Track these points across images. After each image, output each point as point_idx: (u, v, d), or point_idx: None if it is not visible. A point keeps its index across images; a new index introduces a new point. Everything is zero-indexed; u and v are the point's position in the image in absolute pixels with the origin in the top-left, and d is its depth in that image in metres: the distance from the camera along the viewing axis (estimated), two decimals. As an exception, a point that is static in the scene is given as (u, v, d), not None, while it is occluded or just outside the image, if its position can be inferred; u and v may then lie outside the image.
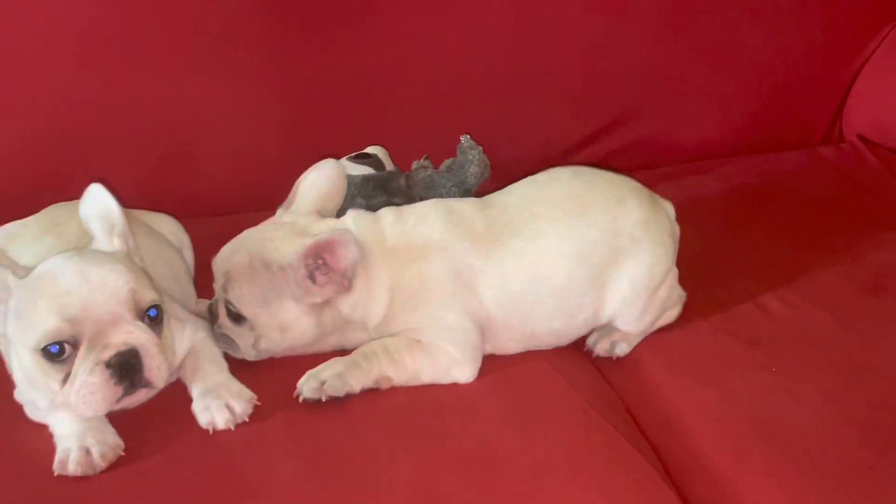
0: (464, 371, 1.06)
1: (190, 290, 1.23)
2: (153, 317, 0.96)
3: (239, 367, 1.07)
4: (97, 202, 1.00)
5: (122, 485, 0.91)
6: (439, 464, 0.94)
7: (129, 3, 1.38)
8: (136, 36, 1.40)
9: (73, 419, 0.96)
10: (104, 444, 0.94)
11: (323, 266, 1.03)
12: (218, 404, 0.99)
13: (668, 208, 1.17)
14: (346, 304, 1.06)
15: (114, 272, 0.93)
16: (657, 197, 1.17)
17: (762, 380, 1.07)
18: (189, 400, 1.02)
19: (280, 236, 1.06)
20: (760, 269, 1.29)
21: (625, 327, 1.15)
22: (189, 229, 1.31)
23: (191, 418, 1.00)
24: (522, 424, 1.00)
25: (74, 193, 1.07)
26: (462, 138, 1.31)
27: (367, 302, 1.07)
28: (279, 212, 1.12)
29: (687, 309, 1.18)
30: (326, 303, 1.05)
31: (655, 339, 1.16)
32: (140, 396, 0.96)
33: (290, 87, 1.47)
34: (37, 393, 0.97)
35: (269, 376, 1.06)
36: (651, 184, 1.46)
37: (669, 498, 0.95)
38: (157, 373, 0.94)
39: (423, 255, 1.07)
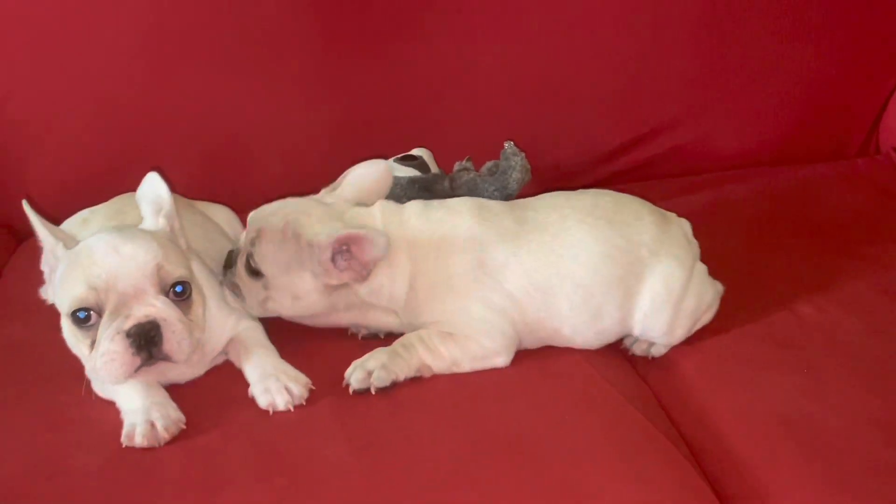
0: (497, 360, 1.10)
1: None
2: (179, 292, 0.99)
3: (287, 354, 1.11)
4: (151, 187, 1.08)
5: (184, 456, 0.97)
6: (478, 447, 0.97)
7: (193, 9, 1.45)
8: (199, 40, 1.46)
9: (137, 395, 1.02)
10: (167, 419, 0.99)
11: (346, 253, 1.07)
12: (277, 387, 1.04)
13: (685, 226, 1.20)
14: (362, 290, 1.10)
15: (143, 248, 0.98)
16: (670, 215, 1.20)
17: (793, 382, 1.09)
18: (242, 380, 1.07)
19: (318, 214, 1.10)
20: (793, 276, 1.31)
21: (660, 341, 1.17)
22: (243, 222, 1.37)
23: (245, 398, 1.05)
24: (559, 414, 1.03)
25: (138, 184, 1.15)
26: (506, 144, 1.35)
27: (387, 288, 1.10)
28: (323, 192, 1.17)
29: (721, 313, 1.20)
30: (343, 285, 1.09)
31: (689, 340, 1.18)
32: (169, 368, 1.00)
33: (341, 90, 1.52)
34: (83, 360, 1.01)
35: (315, 362, 1.10)
36: (686, 191, 1.51)
37: (704, 490, 0.97)
38: (177, 347, 0.97)
39: (448, 246, 1.11)
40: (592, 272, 1.11)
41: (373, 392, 1.05)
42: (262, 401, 1.04)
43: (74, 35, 1.44)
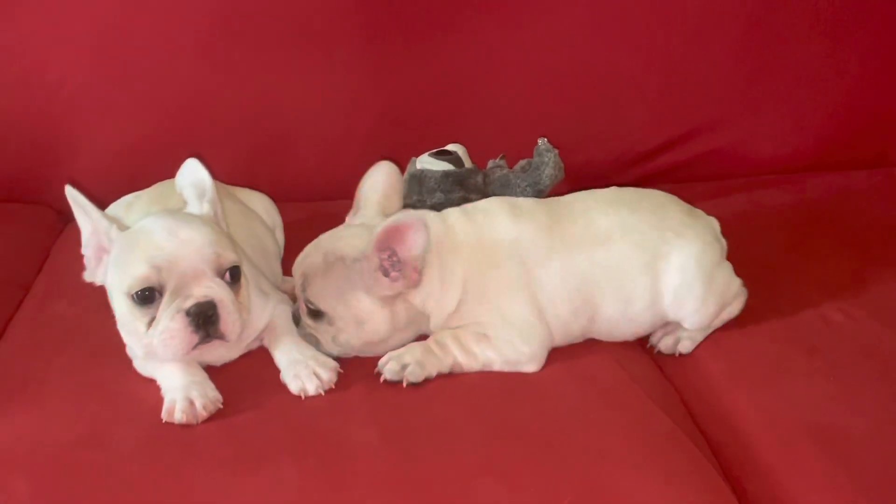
0: (530, 366, 1.12)
1: (277, 268, 1.30)
2: (232, 276, 1.03)
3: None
4: (192, 172, 1.11)
5: (221, 434, 1.00)
6: (505, 440, 0.99)
7: (242, 4, 1.49)
8: (247, 33, 1.50)
9: (178, 373, 1.05)
10: (206, 397, 1.02)
11: (394, 260, 1.07)
12: (307, 372, 1.06)
13: (714, 224, 1.21)
14: (417, 297, 1.10)
15: (200, 232, 1.02)
16: (697, 211, 1.22)
17: (820, 387, 1.09)
18: (275, 366, 1.10)
19: (351, 233, 1.12)
20: (825, 282, 1.31)
21: (690, 322, 1.18)
22: (280, 212, 1.40)
23: (279, 382, 1.08)
24: (585, 411, 1.04)
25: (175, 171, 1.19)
26: (539, 141, 1.36)
27: (440, 294, 1.11)
28: (348, 219, 1.18)
29: (749, 316, 1.21)
30: (398, 296, 1.09)
31: (716, 342, 1.19)
32: (215, 347, 1.04)
33: (382, 85, 1.55)
34: (130, 338, 1.06)
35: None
36: (720, 195, 1.51)
37: (724, 491, 0.98)
38: (231, 327, 1.01)
39: (494, 249, 1.12)
40: (621, 260, 1.13)
41: (404, 385, 1.07)
42: (294, 386, 1.07)
43: (130, 23, 1.49)
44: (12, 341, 1.20)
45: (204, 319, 0.99)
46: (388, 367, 1.08)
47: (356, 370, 1.10)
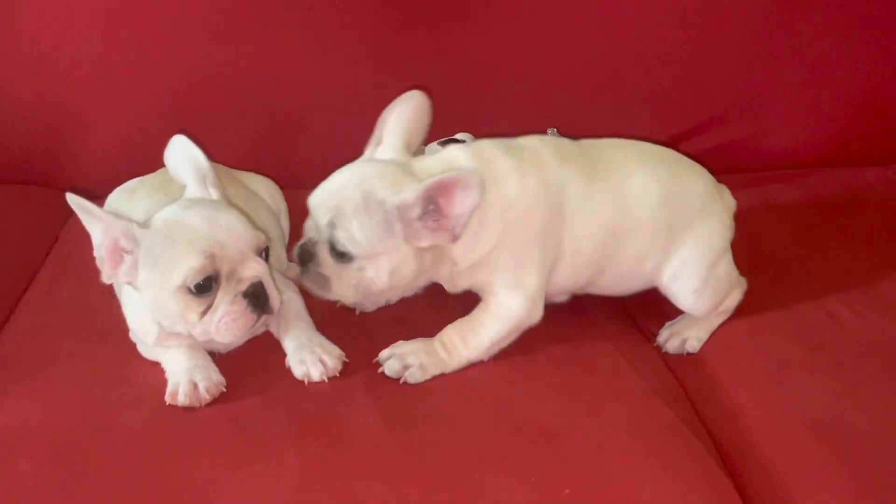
0: (532, 316, 1.09)
1: (283, 254, 1.30)
2: (265, 255, 1.05)
3: (323, 326, 1.14)
4: (184, 151, 1.10)
5: (224, 417, 1.01)
6: (507, 429, 1.00)
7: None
8: (257, 17, 1.50)
9: (182, 357, 1.06)
10: (209, 381, 1.03)
11: (434, 212, 1.00)
12: (312, 358, 1.07)
13: (732, 205, 1.20)
14: (457, 249, 1.05)
15: (233, 217, 1.04)
16: (722, 186, 1.21)
17: (825, 384, 1.09)
18: (281, 351, 1.11)
19: (387, 172, 1.04)
20: (833, 278, 1.30)
21: (684, 301, 1.16)
22: (286, 198, 1.39)
23: (283, 367, 1.09)
24: (587, 403, 1.05)
25: None
26: (549, 131, 1.36)
27: (472, 242, 1.05)
28: (368, 151, 1.11)
29: (755, 311, 1.21)
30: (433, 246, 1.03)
31: (723, 338, 1.19)
32: (264, 322, 1.05)
33: (391, 73, 1.54)
34: (177, 327, 1.04)
35: (351, 335, 1.13)
36: (732, 187, 1.49)
37: (726, 485, 0.98)
38: (276, 301, 1.04)
39: (536, 195, 1.06)
40: (650, 215, 1.11)
41: (400, 383, 1.06)
42: (298, 371, 1.07)
43: (138, 11, 1.49)
44: (20, 323, 1.21)
45: (259, 298, 1.02)
46: (389, 364, 1.07)
47: (358, 354, 1.10)
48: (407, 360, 1.07)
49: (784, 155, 1.67)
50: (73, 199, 1.01)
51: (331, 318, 1.16)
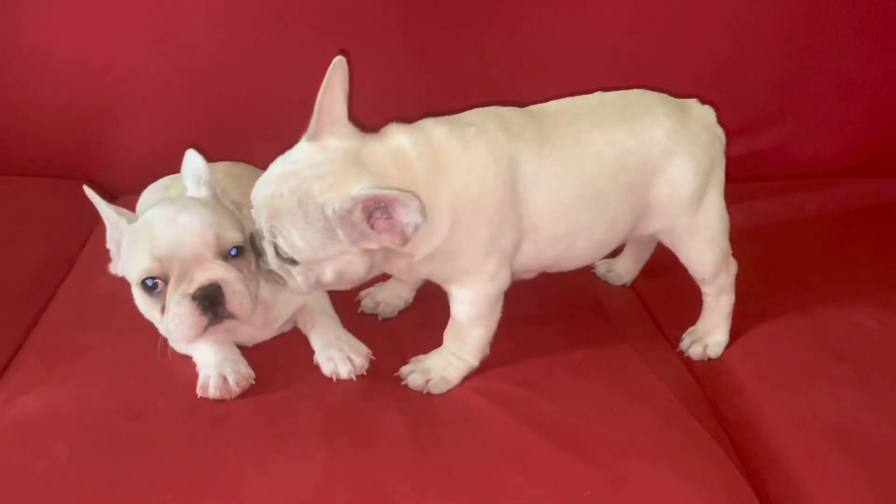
0: (497, 286, 1.07)
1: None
2: (235, 254, 1.04)
3: (349, 324, 1.16)
4: (190, 162, 1.14)
5: (252, 410, 1.03)
6: (529, 431, 1.01)
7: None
8: (288, 22, 1.53)
9: (211, 351, 1.09)
10: (238, 374, 1.06)
11: (384, 210, 0.95)
12: (341, 356, 1.09)
13: (707, 115, 1.15)
14: (405, 248, 1.00)
15: (199, 216, 1.04)
16: (688, 104, 1.15)
17: (848, 392, 1.09)
18: (310, 347, 1.13)
19: (333, 171, 0.97)
20: (857, 288, 1.30)
21: (684, 255, 1.15)
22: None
23: (311, 363, 1.11)
24: (609, 406, 1.06)
25: (224, 154, 1.26)
26: None
27: (425, 234, 0.99)
28: (304, 140, 1.03)
29: (779, 319, 1.21)
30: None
31: (746, 345, 1.19)
32: (237, 327, 1.05)
33: (419, 74, 1.56)
34: (153, 320, 1.08)
35: (377, 332, 1.16)
36: (757, 196, 1.49)
37: (745, 490, 0.98)
38: (240, 305, 1.02)
39: (486, 173, 1.02)
40: (609, 180, 1.07)
41: (424, 393, 1.07)
42: (326, 369, 1.10)
43: (174, 11, 1.52)
44: (57, 313, 1.25)
45: (210, 301, 1.01)
46: (412, 378, 1.09)
47: (387, 358, 1.12)
48: (429, 374, 1.09)
49: (812, 164, 1.66)
50: (88, 192, 1.09)
51: (355, 316, 1.19)
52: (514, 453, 0.98)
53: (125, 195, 1.49)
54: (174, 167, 1.37)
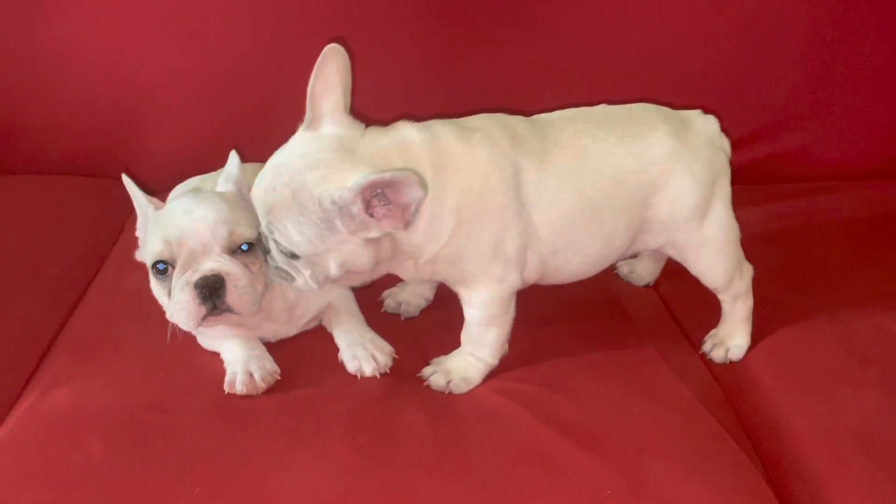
0: (506, 288, 1.07)
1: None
2: (245, 251, 1.05)
3: (373, 322, 1.18)
4: (230, 163, 1.16)
5: (279, 405, 1.05)
6: (550, 430, 1.02)
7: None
8: (313, 23, 1.54)
9: (237, 349, 1.11)
10: (264, 370, 1.08)
11: (382, 196, 0.94)
12: (365, 355, 1.11)
13: (710, 126, 1.14)
14: (406, 237, 1.00)
15: (214, 210, 1.05)
16: (690, 116, 1.15)
17: (873, 397, 1.08)
18: (335, 345, 1.15)
19: (327, 161, 0.96)
20: (883, 292, 1.29)
21: (693, 267, 1.14)
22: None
23: (336, 361, 1.13)
24: (630, 408, 1.06)
25: (252, 154, 1.23)
26: None
27: (429, 228, 1.00)
28: (301, 131, 1.02)
29: (802, 323, 1.20)
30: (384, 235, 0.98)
31: (769, 349, 1.19)
32: (227, 319, 1.05)
33: (444, 78, 1.58)
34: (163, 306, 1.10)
35: (399, 331, 1.17)
36: (780, 199, 1.48)
37: (767, 495, 0.98)
38: (240, 300, 1.03)
39: (490, 177, 1.02)
40: (606, 198, 1.07)
41: (446, 393, 1.09)
42: (351, 366, 1.11)
43: (203, 13, 1.55)
44: (89, 308, 1.28)
45: (210, 292, 1.02)
46: (434, 379, 1.10)
47: (409, 357, 1.14)
48: (450, 374, 1.10)
49: (837, 166, 1.65)
50: (126, 180, 1.14)
51: (379, 315, 1.21)
52: (534, 452, 0.99)
53: (154, 194, 1.51)
54: (203, 166, 1.40)
